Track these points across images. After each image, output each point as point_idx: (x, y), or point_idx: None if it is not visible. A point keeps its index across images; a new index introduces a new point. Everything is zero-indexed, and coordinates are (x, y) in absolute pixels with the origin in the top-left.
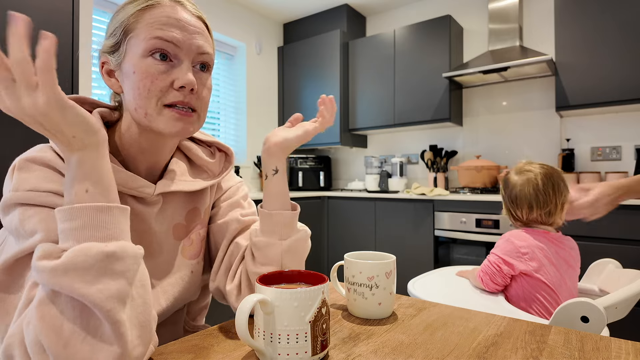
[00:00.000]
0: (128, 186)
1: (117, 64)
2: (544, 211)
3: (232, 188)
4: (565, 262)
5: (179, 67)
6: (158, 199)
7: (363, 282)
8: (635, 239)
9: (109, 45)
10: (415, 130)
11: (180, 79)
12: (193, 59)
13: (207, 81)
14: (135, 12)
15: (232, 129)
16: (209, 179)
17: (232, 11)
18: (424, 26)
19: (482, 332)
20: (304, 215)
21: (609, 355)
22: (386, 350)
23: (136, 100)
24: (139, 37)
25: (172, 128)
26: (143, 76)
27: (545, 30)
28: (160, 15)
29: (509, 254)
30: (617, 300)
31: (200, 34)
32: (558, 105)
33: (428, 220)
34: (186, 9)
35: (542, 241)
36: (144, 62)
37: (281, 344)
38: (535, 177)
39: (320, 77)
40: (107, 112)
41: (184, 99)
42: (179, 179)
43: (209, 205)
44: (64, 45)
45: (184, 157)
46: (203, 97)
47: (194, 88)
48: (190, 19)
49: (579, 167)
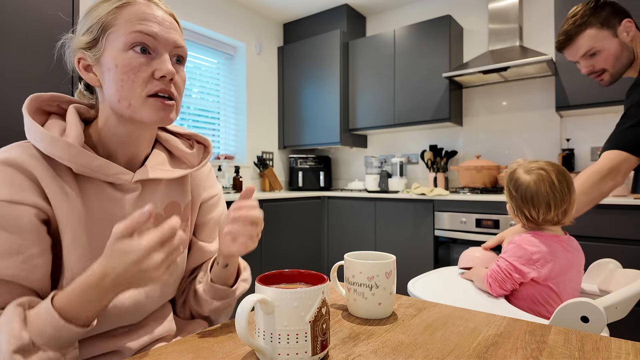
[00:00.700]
0: (103, 172)
1: (95, 59)
2: (560, 210)
3: (214, 198)
4: (572, 266)
5: (158, 58)
6: (136, 186)
7: (363, 282)
8: (635, 239)
9: (86, 41)
10: (415, 130)
11: (162, 69)
12: (170, 51)
13: (183, 73)
14: (113, 10)
15: (232, 129)
16: (188, 169)
17: (232, 11)
18: (424, 26)
19: (482, 332)
20: (304, 215)
21: (609, 355)
22: (386, 350)
23: (119, 92)
24: (119, 32)
25: (154, 116)
26: (126, 69)
27: (545, 30)
28: (138, 12)
29: (520, 261)
30: (617, 300)
31: (174, 29)
32: (558, 105)
33: (428, 220)
34: (159, 6)
35: (553, 246)
36: (125, 55)
37: (281, 344)
38: (549, 175)
39: (320, 77)
40: (84, 108)
41: (165, 87)
42: (158, 167)
43: (189, 201)
44: None
45: (164, 149)
46: (180, 87)
47: (173, 78)
48: (164, 16)
49: (579, 167)
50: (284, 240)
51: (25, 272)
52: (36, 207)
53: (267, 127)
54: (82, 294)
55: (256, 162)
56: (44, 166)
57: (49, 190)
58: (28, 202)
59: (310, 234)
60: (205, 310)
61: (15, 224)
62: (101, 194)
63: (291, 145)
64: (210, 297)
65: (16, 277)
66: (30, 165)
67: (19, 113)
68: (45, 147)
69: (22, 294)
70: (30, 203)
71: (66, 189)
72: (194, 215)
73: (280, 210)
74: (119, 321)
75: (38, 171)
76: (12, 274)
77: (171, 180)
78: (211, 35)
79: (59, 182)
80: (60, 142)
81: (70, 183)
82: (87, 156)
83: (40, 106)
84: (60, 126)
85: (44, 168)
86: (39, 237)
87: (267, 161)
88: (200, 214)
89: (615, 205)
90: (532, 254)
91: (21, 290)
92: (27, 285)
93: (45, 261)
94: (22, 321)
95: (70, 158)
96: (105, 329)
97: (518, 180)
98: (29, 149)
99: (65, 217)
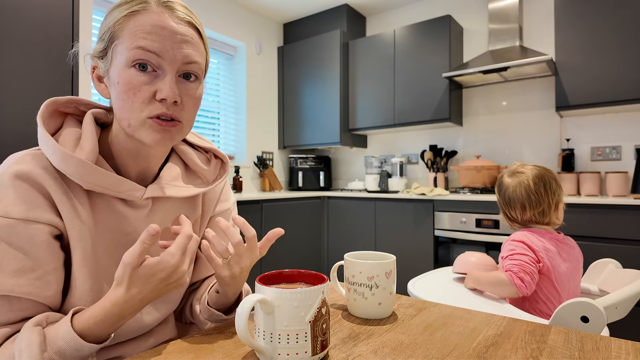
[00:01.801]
0: (115, 189)
1: (105, 70)
2: (537, 211)
3: (226, 212)
4: (568, 262)
5: (162, 77)
6: (147, 202)
7: (363, 282)
8: (635, 239)
9: (98, 50)
10: (415, 130)
11: (163, 92)
12: (178, 68)
13: (194, 91)
14: (121, 19)
15: (232, 129)
16: (202, 186)
17: (232, 11)
18: (424, 26)
19: (482, 332)
20: (304, 215)
21: (609, 355)
22: (386, 350)
23: (120, 110)
24: (123, 45)
25: (152, 139)
26: (126, 87)
27: (545, 30)
28: (145, 23)
29: (532, 250)
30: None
31: (188, 42)
32: (558, 105)
33: (428, 220)
34: (175, 14)
35: (545, 242)
36: (127, 72)
37: (281, 344)
38: (527, 179)
39: (320, 77)
40: (102, 113)
41: (166, 111)
42: (170, 184)
43: (199, 216)
44: (64, 45)
45: (180, 160)
46: (188, 108)
47: (177, 100)
48: (178, 27)
49: (579, 167)
50: (284, 240)
51: (40, 289)
52: (50, 225)
53: (267, 127)
54: (106, 317)
55: (256, 162)
56: (56, 180)
57: (61, 206)
58: (42, 220)
59: (310, 234)
60: (202, 327)
61: (30, 242)
62: (111, 209)
63: (291, 145)
64: (205, 318)
65: (31, 294)
66: (43, 179)
67: (18, 113)
68: (58, 162)
69: (35, 309)
70: (44, 221)
71: (77, 205)
72: (202, 229)
73: (280, 210)
74: (126, 335)
75: (50, 186)
76: (27, 291)
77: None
78: (211, 35)
79: (71, 198)
80: (72, 159)
81: (81, 198)
82: (99, 174)
83: (57, 108)
84: (75, 135)
85: (56, 182)
86: (52, 253)
87: (267, 161)
88: (209, 227)
89: (615, 205)
90: (533, 244)
91: (35, 307)
92: (41, 301)
93: (59, 277)
94: (41, 343)
95: (82, 176)
96: (113, 342)
97: (502, 183)
98: (41, 159)
99: (76, 234)
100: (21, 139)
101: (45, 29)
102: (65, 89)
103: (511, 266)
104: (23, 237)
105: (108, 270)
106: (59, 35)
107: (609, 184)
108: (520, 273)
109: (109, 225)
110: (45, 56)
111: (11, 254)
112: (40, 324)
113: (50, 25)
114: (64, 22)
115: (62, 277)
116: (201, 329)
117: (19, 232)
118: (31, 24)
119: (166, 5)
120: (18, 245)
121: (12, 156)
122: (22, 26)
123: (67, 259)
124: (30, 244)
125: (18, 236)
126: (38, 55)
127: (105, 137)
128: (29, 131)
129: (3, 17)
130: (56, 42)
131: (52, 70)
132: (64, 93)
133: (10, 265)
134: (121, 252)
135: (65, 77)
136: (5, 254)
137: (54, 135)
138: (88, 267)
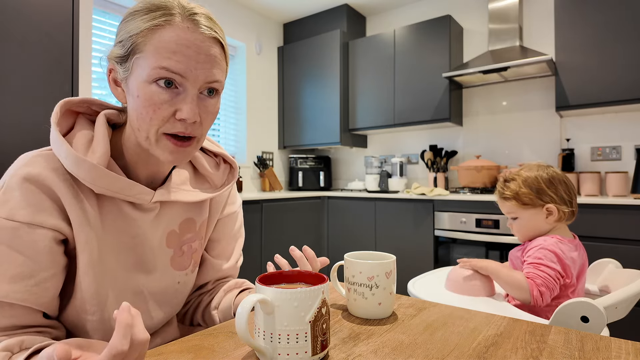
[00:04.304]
0: (125, 193)
1: (123, 77)
2: (574, 199)
3: (233, 215)
4: (584, 266)
5: (183, 96)
6: (155, 205)
7: (363, 282)
8: (635, 239)
9: (117, 54)
10: (415, 130)
11: (183, 112)
12: (200, 87)
13: (213, 107)
14: (144, 31)
15: (232, 129)
16: (209, 190)
17: (232, 11)
18: (424, 26)
19: (482, 332)
20: (304, 215)
21: (609, 355)
22: (386, 350)
23: (138, 122)
24: (146, 61)
25: (167, 157)
26: (147, 103)
27: (545, 30)
28: (170, 40)
29: (560, 265)
30: (617, 300)
31: (211, 61)
32: (558, 105)
33: (428, 220)
34: (199, 29)
35: (573, 249)
36: (148, 88)
37: (281, 344)
38: (563, 173)
39: (320, 77)
40: (114, 114)
41: (185, 130)
42: (179, 187)
43: (206, 219)
44: (64, 46)
45: (189, 164)
46: (206, 124)
47: (196, 120)
48: (202, 44)
49: (579, 167)
50: (284, 240)
51: (35, 295)
52: (55, 230)
53: (267, 127)
54: None
55: (256, 162)
56: (66, 182)
57: (70, 210)
58: (47, 224)
59: (310, 234)
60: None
61: (32, 247)
62: (119, 211)
63: (291, 145)
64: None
65: (26, 300)
66: (52, 183)
67: (18, 113)
68: (70, 166)
69: (27, 317)
70: (49, 226)
71: (87, 209)
72: (209, 232)
73: (281, 211)
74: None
75: (60, 189)
76: (22, 298)
77: None
78: None
79: (81, 200)
80: (85, 163)
81: (91, 201)
82: (111, 178)
83: (70, 108)
84: (87, 137)
85: (66, 184)
86: (53, 259)
87: (267, 161)
88: (216, 230)
89: (615, 205)
90: (565, 259)
91: (27, 313)
92: (36, 308)
93: (57, 283)
94: None
95: (93, 181)
96: None
97: (552, 178)
98: (52, 160)
99: (84, 238)
100: (21, 138)
101: (45, 29)
102: (66, 89)
103: (535, 276)
104: (25, 241)
105: (113, 273)
106: (59, 35)
107: (609, 184)
108: (542, 287)
109: (116, 227)
110: (45, 56)
111: (11, 258)
112: (10, 350)
113: (50, 25)
114: (64, 22)
115: (60, 283)
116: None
117: (22, 235)
118: (31, 23)
119: (192, 20)
120: (19, 249)
121: (24, 156)
122: (22, 26)
123: (70, 264)
124: (32, 248)
125: (20, 240)
126: (38, 55)
127: (117, 137)
128: (29, 131)
129: (3, 17)
130: (56, 42)
131: (52, 70)
132: (64, 93)
133: (8, 270)
134: (127, 254)
135: (65, 77)
136: (5, 257)
137: (66, 135)
138: (94, 272)
